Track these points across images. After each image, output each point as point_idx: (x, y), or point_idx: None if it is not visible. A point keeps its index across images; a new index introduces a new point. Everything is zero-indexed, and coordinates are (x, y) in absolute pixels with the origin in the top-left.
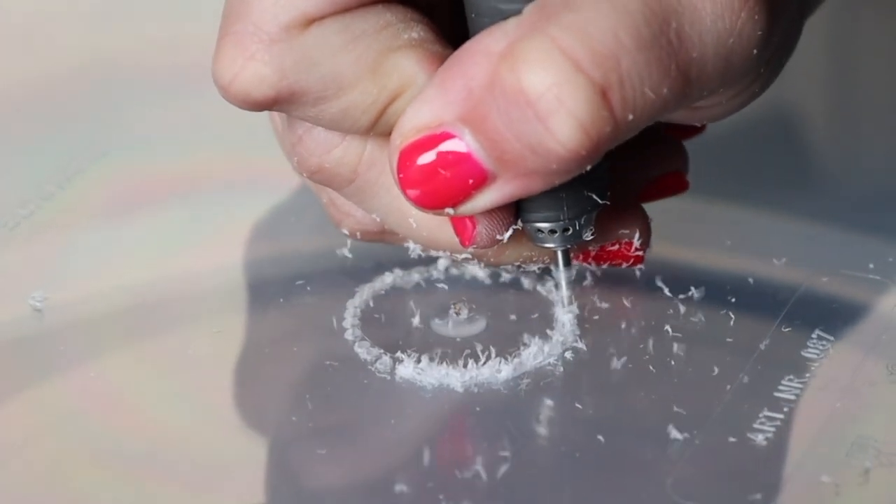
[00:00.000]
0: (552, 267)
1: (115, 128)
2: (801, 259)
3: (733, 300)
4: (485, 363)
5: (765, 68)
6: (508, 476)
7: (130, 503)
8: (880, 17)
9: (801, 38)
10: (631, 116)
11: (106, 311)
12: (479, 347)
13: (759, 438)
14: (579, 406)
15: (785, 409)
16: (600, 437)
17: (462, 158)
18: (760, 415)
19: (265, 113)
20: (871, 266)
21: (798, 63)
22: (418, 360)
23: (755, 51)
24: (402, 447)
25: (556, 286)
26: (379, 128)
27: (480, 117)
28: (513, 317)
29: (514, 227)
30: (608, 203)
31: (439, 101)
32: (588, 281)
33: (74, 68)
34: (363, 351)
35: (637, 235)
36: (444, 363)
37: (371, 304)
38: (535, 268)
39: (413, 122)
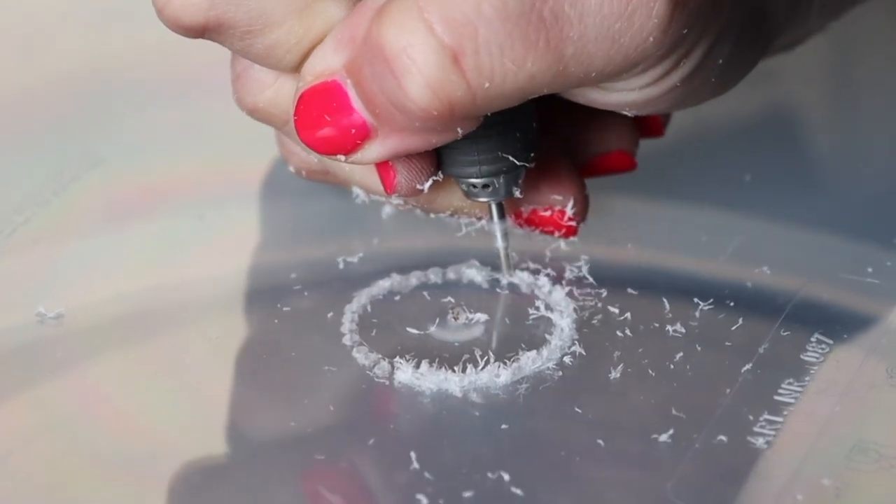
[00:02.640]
0: (486, 222)
1: (111, 135)
2: (799, 263)
3: (732, 304)
4: (483, 368)
5: (685, 59)
6: (508, 481)
7: None
8: (881, 17)
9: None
10: (487, 84)
11: (102, 317)
12: (477, 352)
13: (760, 442)
14: (578, 410)
15: (785, 413)
16: (600, 441)
17: (345, 109)
18: (761, 418)
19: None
20: (870, 270)
21: (798, 67)
22: (417, 365)
23: (650, 38)
24: (401, 452)
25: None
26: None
27: (358, 69)
28: (511, 321)
29: (434, 178)
30: (528, 165)
31: (332, 49)
32: (587, 288)
33: (70, 76)
34: (361, 356)
35: (571, 204)
36: (443, 368)
37: (369, 309)
38: (469, 220)
39: (312, 67)
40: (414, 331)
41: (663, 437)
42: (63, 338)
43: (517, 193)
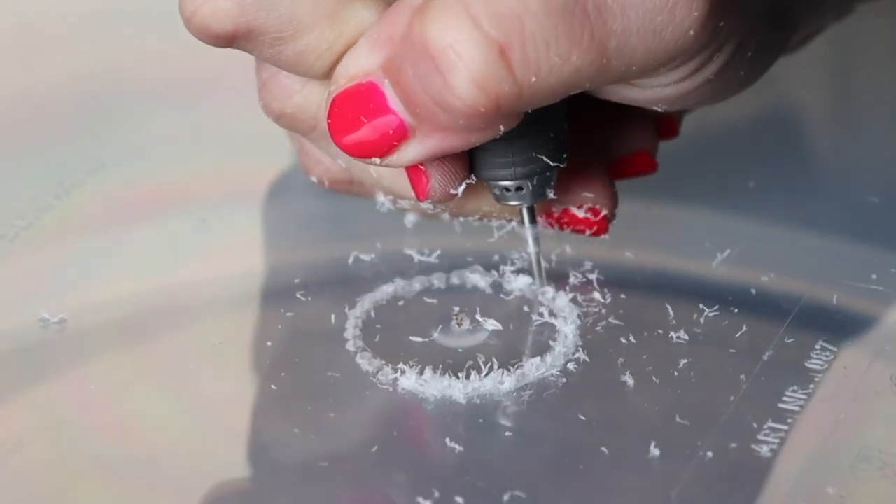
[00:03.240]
0: (517, 226)
1: (113, 139)
2: (803, 270)
3: (736, 311)
4: (487, 374)
5: (718, 53)
6: (512, 488)
7: None
8: (882, 20)
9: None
10: (534, 79)
11: (105, 321)
12: (481, 358)
13: (764, 450)
14: (582, 417)
15: (789, 420)
16: (604, 449)
17: (382, 109)
18: (765, 426)
19: (265, 120)
20: (874, 277)
21: (801, 70)
22: (421, 372)
23: (691, 31)
24: (404, 459)
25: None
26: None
27: (397, 69)
28: (515, 327)
29: (468, 181)
30: (561, 166)
31: (367, 50)
32: (591, 294)
33: (72, 80)
34: (365, 362)
35: (603, 201)
36: (447, 374)
37: (372, 314)
38: (498, 223)
39: (345, 69)
40: (417, 338)
41: (667, 445)
42: (65, 341)
43: (550, 195)
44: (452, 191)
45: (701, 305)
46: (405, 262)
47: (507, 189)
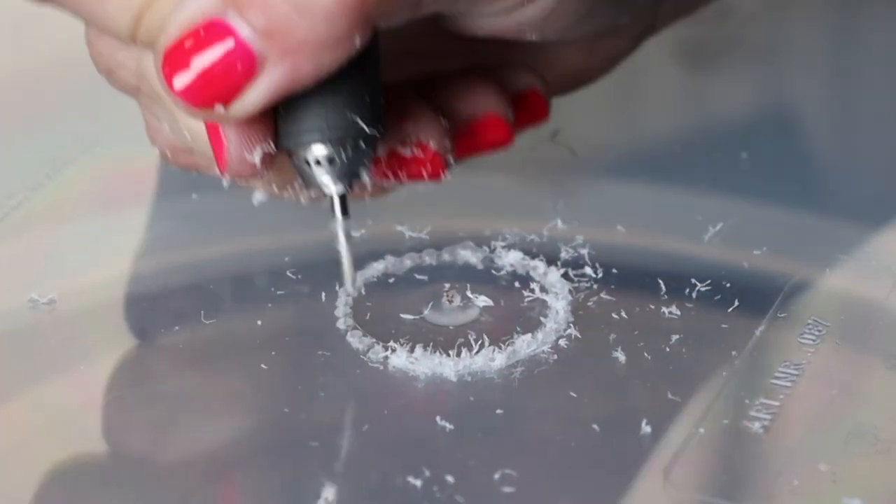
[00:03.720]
0: (330, 218)
1: (104, 119)
2: (796, 244)
3: (728, 286)
4: (478, 352)
5: None
6: (503, 466)
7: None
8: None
9: (801, 24)
10: None
11: (95, 302)
12: (472, 336)
13: (756, 426)
14: (574, 395)
15: (781, 397)
16: (595, 427)
17: (227, 43)
18: (757, 402)
19: None
20: (868, 251)
21: (793, 54)
22: (411, 350)
23: None
24: (395, 437)
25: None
26: (141, 37)
27: None
28: (506, 304)
29: (264, 147)
30: (377, 136)
31: None
32: (582, 269)
33: (63, 59)
34: (355, 340)
35: (431, 137)
36: (438, 352)
37: (363, 292)
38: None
39: (177, 18)
40: (408, 316)
41: (659, 421)
42: (55, 323)
43: (365, 178)
44: (249, 157)
45: (693, 280)
46: (396, 238)
47: (318, 161)
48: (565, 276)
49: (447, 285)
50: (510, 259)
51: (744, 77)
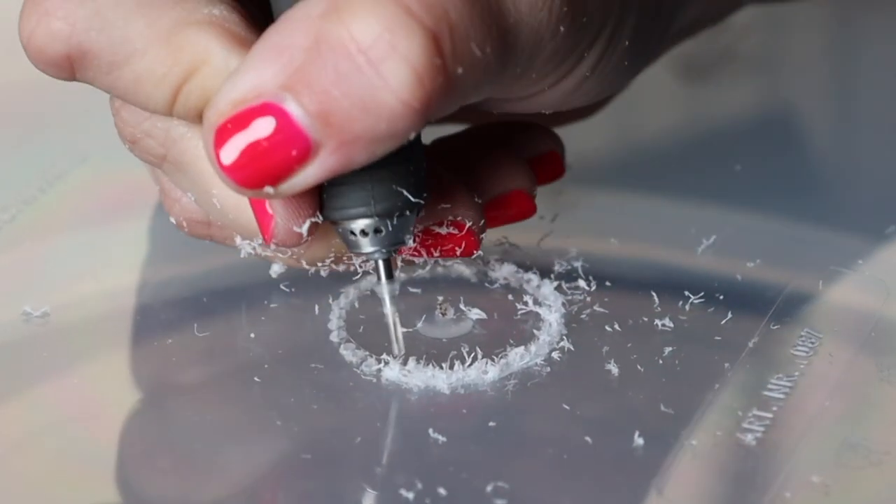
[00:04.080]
0: (375, 283)
1: (97, 132)
2: (789, 256)
3: (722, 298)
4: (471, 364)
5: (588, 50)
6: (496, 479)
7: None
8: (878, 18)
9: (796, 37)
10: (460, 70)
11: (89, 315)
12: (465, 348)
13: (749, 438)
14: (567, 407)
15: (774, 409)
16: (588, 439)
17: (284, 129)
18: (749, 414)
19: None
20: (860, 262)
21: (787, 62)
22: (404, 362)
23: (562, 27)
24: (389, 450)
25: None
26: (178, 109)
27: (304, 81)
28: (499, 316)
29: (313, 219)
30: (422, 203)
31: (257, 70)
32: (576, 282)
33: None
34: (349, 353)
35: (466, 216)
36: (431, 365)
37: (356, 305)
38: (344, 267)
39: (230, 95)
40: (402, 329)
41: (651, 434)
42: (49, 336)
43: (410, 243)
44: (297, 229)
45: (686, 293)
46: None
47: (364, 232)
48: (559, 288)
49: (441, 298)
50: (504, 272)
51: (738, 90)
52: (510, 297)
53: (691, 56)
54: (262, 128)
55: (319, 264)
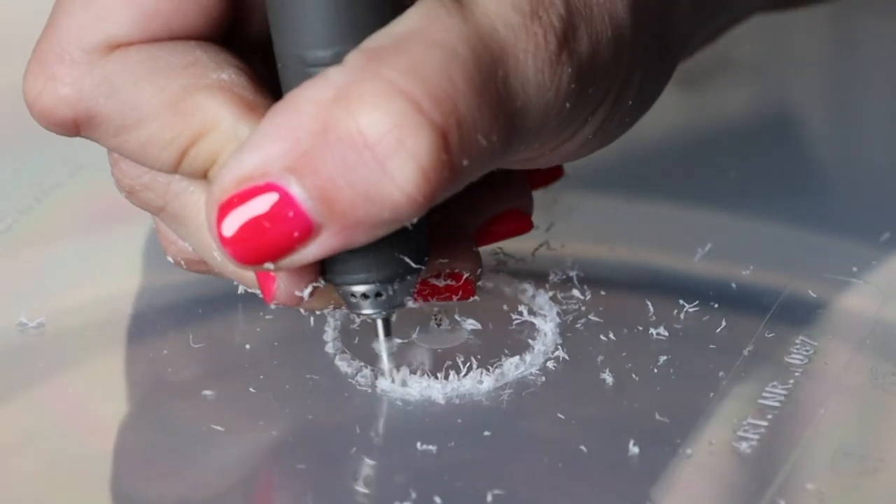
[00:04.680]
0: (374, 339)
1: (92, 143)
2: (783, 263)
3: (716, 306)
4: (466, 374)
5: (592, 117)
6: (491, 488)
7: None
8: (876, 23)
9: (792, 42)
10: (466, 162)
11: (84, 325)
12: (460, 358)
13: (743, 446)
14: (562, 416)
15: (769, 416)
16: (583, 447)
17: (287, 210)
18: (744, 422)
19: None
20: (855, 269)
21: (782, 65)
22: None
23: (568, 104)
24: (384, 461)
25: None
26: (183, 169)
27: (309, 165)
28: (494, 326)
29: (315, 284)
30: (423, 269)
31: (262, 151)
32: (570, 291)
33: None
34: (344, 364)
35: (462, 266)
36: (426, 375)
37: (351, 315)
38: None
39: (234, 173)
40: (397, 339)
41: (646, 443)
42: (44, 346)
43: (409, 303)
44: (298, 293)
45: (681, 301)
46: None
47: (365, 295)
48: (553, 298)
49: (436, 308)
50: (499, 282)
51: (733, 97)
52: (505, 307)
53: (687, 64)
54: (265, 207)
55: (314, 313)
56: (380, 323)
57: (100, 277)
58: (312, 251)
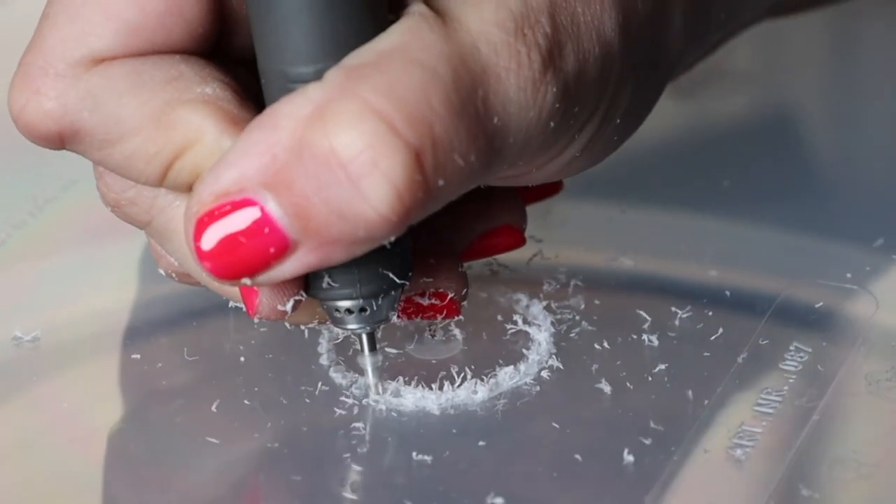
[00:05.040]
0: (359, 354)
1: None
2: (777, 270)
3: (711, 313)
4: (461, 385)
5: (578, 134)
6: (487, 497)
7: None
8: (879, 22)
9: (789, 47)
10: (441, 182)
11: (79, 337)
12: (454, 369)
13: (739, 453)
14: (556, 425)
15: (763, 423)
16: (578, 457)
17: (263, 226)
18: (739, 429)
19: None
20: (849, 276)
21: (775, 71)
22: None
23: (552, 123)
24: (379, 472)
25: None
26: (168, 182)
27: (285, 182)
28: (488, 336)
29: (297, 298)
30: (406, 284)
31: (239, 166)
32: (566, 300)
33: None
34: (338, 376)
35: (447, 284)
36: (420, 386)
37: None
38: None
39: (212, 187)
40: (392, 350)
41: (641, 451)
42: (39, 359)
43: (394, 318)
44: (281, 307)
45: (675, 308)
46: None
47: (349, 311)
48: (548, 307)
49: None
50: (493, 292)
51: (727, 104)
52: (499, 316)
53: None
54: (242, 222)
55: (302, 326)
56: (364, 338)
57: (94, 291)
58: (289, 268)
